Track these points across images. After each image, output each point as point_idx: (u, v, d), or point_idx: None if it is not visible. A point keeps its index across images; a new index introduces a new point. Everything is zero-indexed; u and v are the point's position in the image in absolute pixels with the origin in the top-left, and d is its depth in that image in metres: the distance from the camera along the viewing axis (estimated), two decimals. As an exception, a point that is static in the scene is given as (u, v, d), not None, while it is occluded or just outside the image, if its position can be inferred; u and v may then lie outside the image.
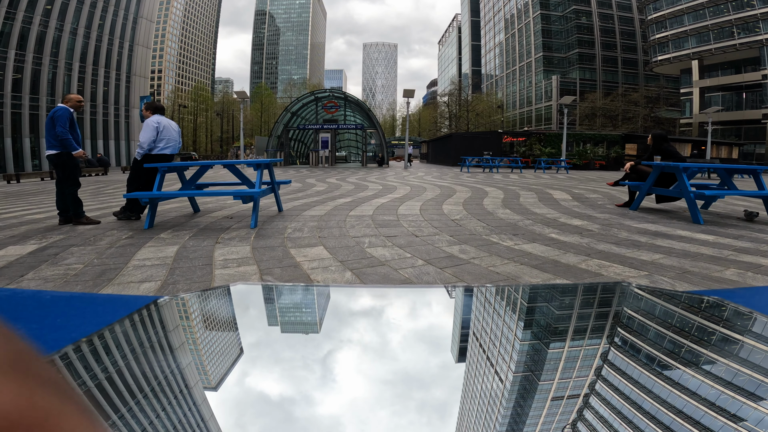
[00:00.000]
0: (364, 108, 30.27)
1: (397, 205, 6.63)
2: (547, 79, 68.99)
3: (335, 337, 0.54)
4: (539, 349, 0.52)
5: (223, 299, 0.70)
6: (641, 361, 0.46)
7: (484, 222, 5.25)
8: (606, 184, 9.37)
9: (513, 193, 8.87)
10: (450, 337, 0.56)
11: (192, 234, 4.52)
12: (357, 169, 21.73)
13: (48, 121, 5.35)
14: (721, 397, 0.37)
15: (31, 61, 36.71)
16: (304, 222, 5.15)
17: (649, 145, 7.00)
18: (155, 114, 5.91)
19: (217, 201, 7.39)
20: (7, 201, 8.96)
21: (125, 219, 5.61)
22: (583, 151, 28.86)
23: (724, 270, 3.23)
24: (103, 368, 0.44)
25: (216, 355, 0.52)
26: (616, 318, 0.62)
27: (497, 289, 0.77)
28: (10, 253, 3.79)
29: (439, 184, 11.41)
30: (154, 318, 0.60)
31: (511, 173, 19.28)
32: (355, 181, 12.59)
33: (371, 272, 3.11)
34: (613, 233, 4.64)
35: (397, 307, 0.67)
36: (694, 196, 5.56)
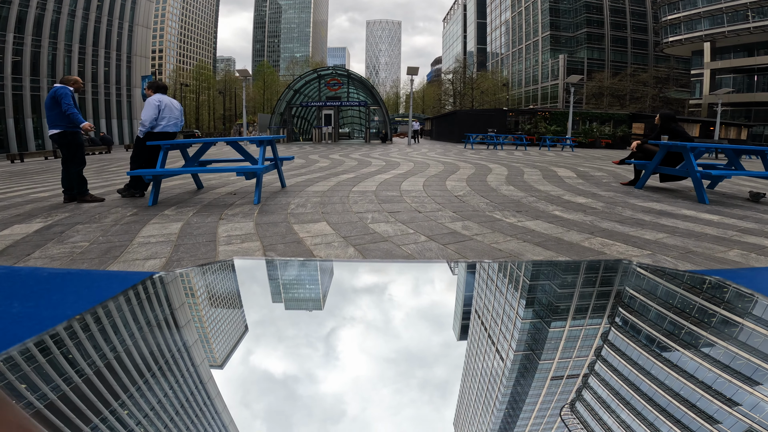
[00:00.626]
0: (368, 85, 29.95)
1: (400, 181, 6.61)
2: (554, 58, 67.76)
3: (336, 313, 0.54)
4: (540, 327, 0.51)
5: (221, 274, 0.69)
6: (642, 341, 0.46)
7: (488, 198, 5.23)
8: (612, 163, 9.30)
9: (517, 170, 8.81)
10: (452, 315, 0.55)
11: (196, 210, 4.53)
12: (360, 146, 21.61)
13: (48, 100, 5.33)
14: (719, 380, 0.37)
15: (30, 43, 36.59)
16: (307, 198, 5.15)
17: (657, 125, 6.90)
18: (157, 93, 5.90)
19: (220, 177, 7.39)
20: (12, 180, 8.99)
21: (129, 196, 5.64)
22: (588, 130, 28.56)
23: (728, 251, 3.22)
24: (96, 345, 0.44)
25: (213, 331, 0.51)
26: (618, 297, 0.61)
27: (499, 265, 0.76)
28: (16, 231, 3.81)
29: (443, 160, 11.34)
30: (150, 293, 0.59)
31: (516, 150, 19.11)
32: (358, 157, 12.54)
33: (374, 248, 3.12)
34: (617, 211, 4.62)
35: (399, 282, 0.67)
36: (700, 175, 5.50)
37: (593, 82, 59.59)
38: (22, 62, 36.09)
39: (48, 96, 5.36)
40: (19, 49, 35.84)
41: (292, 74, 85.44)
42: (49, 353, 0.41)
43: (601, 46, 65.35)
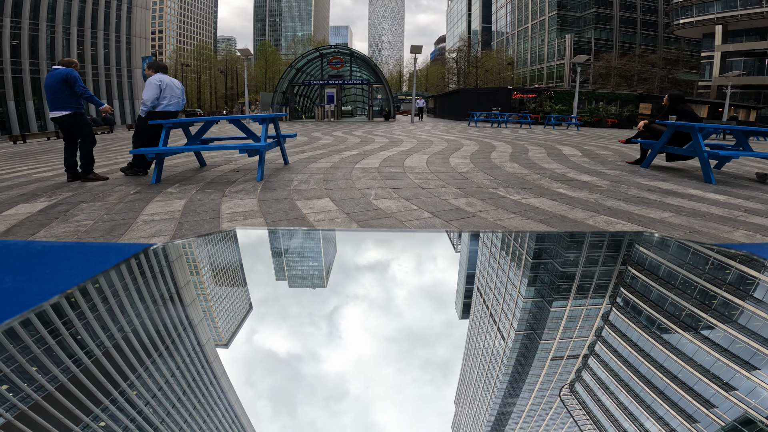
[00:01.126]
0: (371, 64, 29.64)
1: (403, 158, 6.57)
2: (560, 37, 66.61)
3: (337, 284, 0.53)
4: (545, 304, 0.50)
5: (221, 244, 0.68)
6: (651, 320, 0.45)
7: (492, 176, 5.20)
8: (617, 142, 9.20)
9: (521, 148, 8.74)
10: (455, 292, 0.54)
11: (199, 188, 4.53)
12: (363, 123, 21.46)
13: (57, 83, 5.26)
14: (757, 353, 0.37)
15: (28, 27, 36.45)
16: (310, 174, 5.13)
17: (665, 105, 6.81)
18: (158, 72, 5.87)
19: (223, 155, 7.37)
20: (15, 161, 9.00)
21: (132, 174, 5.65)
22: (595, 109, 28.27)
23: (733, 231, 3.20)
24: (90, 320, 0.43)
25: (212, 302, 0.51)
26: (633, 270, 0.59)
27: (503, 236, 0.74)
28: (20, 211, 3.82)
29: (446, 138, 11.25)
30: (148, 265, 0.58)
31: (520, 128, 18.92)
32: (361, 134, 12.45)
33: (377, 224, 3.11)
34: (622, 190, 4.58)
35: (401, 253, 0.66)
36: (708, 155, 5.44)
37: (600, 62, 58.71)
38: (20, 46, 35.98)
39: (55, 78, 5.27)
40: (17, 33, 35.74)
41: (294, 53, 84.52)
42: (40, 329, 0.40)
43: (609, 27, 64.13)
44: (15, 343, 0.37)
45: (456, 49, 73.83)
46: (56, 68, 5.39)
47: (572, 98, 26.61)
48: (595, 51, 61.85)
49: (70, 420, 0.28)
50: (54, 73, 5.32)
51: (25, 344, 0.37)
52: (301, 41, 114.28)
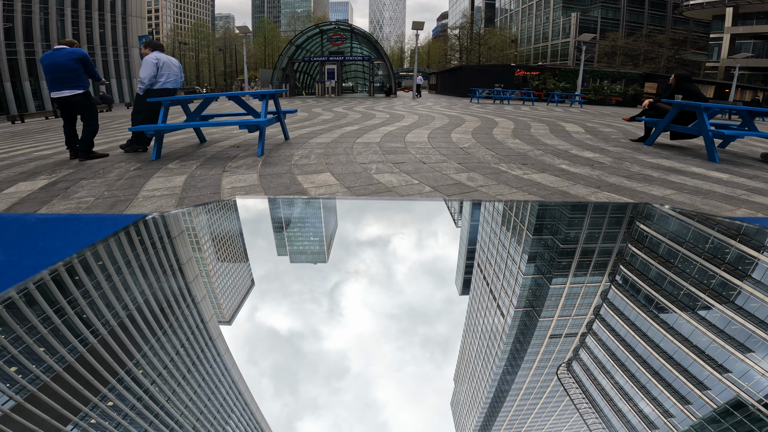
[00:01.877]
0: (371, 40, 29.32)
1: (404, 133, 6.51)
2: (566, 15, 65.24)
3: (338, 260, 0.53)
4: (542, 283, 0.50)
5: (219, 213, 0.67)
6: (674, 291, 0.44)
7: (493, 151, 5.16)
8: (621, 120, 9.10)
9: (524, 124, 8.65)
10: (455, 267, 0.54)
11: (199, 163, 4.51)
12: (364, 99, 21.27)
13: (72, 62, 5.23)
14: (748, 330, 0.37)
15: (21, 9, 36.08)
16: (311, 149, 5.11)
17: (671, 84, 6.75)
18: (154, 51, 5.83)
19: (223, 131, 7.33)
20: (14, 140, 8.97)
21: (132, 151, 5.65)
22: (599, 87, 27.97)
23: (736, 209, 3.19)
24: (83, 290, 0.42)
25: (210, 271, 0.50)
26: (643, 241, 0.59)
27: (505, 205, 0.73)
28: (21, 189, 3.82)
29: (448, 113, 11.14)
30: (145, 235, 0.57)
31: (523, 105, 18.70)
32: (362, 110, 12.34)
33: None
34: (625, 167, 4.56)
35: (402, 224, 0.65)
36: (713, 134, 5.41)
37: (606, 41, 57.69)
38: (14, 28, 35.70)
39: (69, 57, 5.24)
40: (10, 16, 35.47)
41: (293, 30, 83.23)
42: (38, 299, 0.39)
43: (616, 6, 62.75)
44: (10, 316, 0.36)
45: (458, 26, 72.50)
46: (63, 47, 5.32)
47: (576, 76, 26.29)
48: (601, 30, 60.65)
49: (71, 394, 0.28)
50: (66, 52, 5.26)
51: (22, 316, 0.36)
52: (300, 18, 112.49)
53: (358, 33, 29.94)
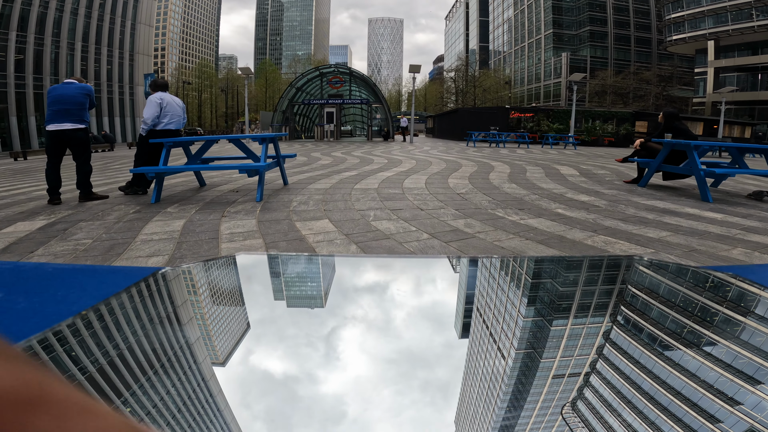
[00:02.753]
0: (370, 83, 29.79)
1: (402, 179, 6.58)
2: (556, 56, 67.52)
3: (339, 311, 0.54)
4: (543, 325, 0.51)
5: (225, 270, 0.69)
6: (646, 338, 0.45)
7: (490, 196, 5.21)
8: (614, 161, 9.27)
9: (519, 168, 8.78)
10: (454, 313, 0.55)
11: (198, 208, 4.53)
12: (362, 144, 21.54)
13: (81, 95, 5.31)
14: (721, 379, 0.37)
15: (33, 42, 36.59)
16: (310, 195, 5.15)
17: (660, 123, 6.88)
18: (158, 91, 5.92)
19: (222, 175, 7.40)
20: (15, 178, 9.02)
21: (132, 194, 5.64)
22: (592, 128, 28.48)
23: (732, 249, 3.21)
24: (100, 342, 0.44)
25: (217, 328, 0.51)
26: (626, 293, 0.61)
27: (502, 261, 0.75)
28: (19, 229, 3.83)
29: (445, 158, 11.30)
30: (155, 289, 0.59)
31: (518, 148, 19.02)
32: (360, 155, 12.50)
33: (376, 245, 3.11)
34: (620, 209, 4.60)
35: (401, 278, 0.66)
36: (704, 173, 5.48)
37: (596, 80, 59.38)
38: (24, 61, 36.05)
39: (79, 91, 5.32)
40: (22, 48, 35.82)
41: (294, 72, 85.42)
42: (54, 350, 0.41)
43: (604, 45, 65.08)
44: (35, 360, 0.37)
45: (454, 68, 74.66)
46: (73, 82, 5.40)
47: (569, 117, 26.81)
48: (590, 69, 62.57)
49: None
50: (76, 86, 5.34)
51: (43, 361, 0.38)
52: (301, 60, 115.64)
53: (357, 76, 30.47)
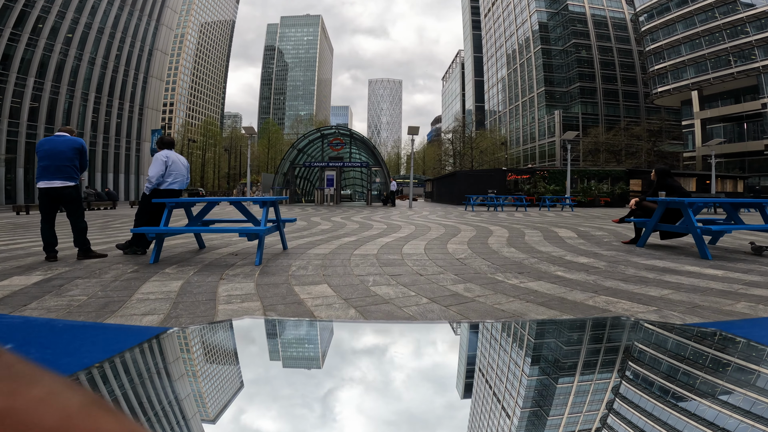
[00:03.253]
0: (369, 145, 30.46)
1: (401, 245, 6.61)
2: (549, 114, 69.83)
3: (337, 375, 0.54)
4: (546, 385, 0.51)
5: (230, 332, 0.71)
6: (650, 395, 0.46)
7: (489, 261, 5.22)
8: (611, 221, 9.35)
9: (518, 232, 8.84)
10: (455, 375, 0.55)
11: (197, 270, 4.52)
12: (362, 208, 21.76)
13: (71, 151, 5.20)
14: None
15: (50, 89, 37.42)
16: (309, 260, 5.14)
17: (653, 181, 7.02)
18: (164, 148, 6.02)
19: (222, 238, 7.43)
20: (15, 232, 9.07)
21: (131, 253, 5.63)
22: (587, 188, 28.95)
23: (735, 303, 3.22)
24: (111, 394, 0.45)
25: (219, 390, 0.52)
26: (621, 352, 0.62)
27: (503, 324, 0.76)
28: (14, 282, 3.85)
29: (444, 223, 11.38)
30: (162, 348, 0.61)
31: (516, 211, 19.26)
32: (359, 220, 12.59)
33: (375, 310, 3.08)
34: (620, 270, 4.59)
35: (401, 343, 0.66)
36: (701, 231, 5.53)
37: (589, 138, 60.93)
38: (39, 109, 36.71)
39: (70, 146, 5.21)
40: (38, 95, 36.64)
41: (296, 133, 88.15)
42: None
43: (594, 100, 67.26)
44: None
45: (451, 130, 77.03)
46: (64, 135, 5.30)
47: (565, 178, 27.32)
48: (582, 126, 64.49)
49: None
50: (66, 139, 5.22)
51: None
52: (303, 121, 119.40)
53: (357, 138, 31.22)
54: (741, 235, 8.25)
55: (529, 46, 75.57)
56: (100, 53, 42.54)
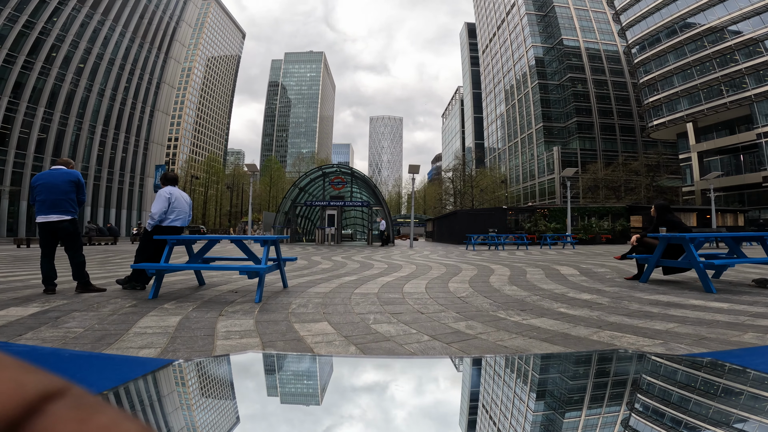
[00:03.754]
0: (371, 185, 30.58)
1: (402, 284, 6.57)
2: (548, 150, 70.50)
3: (336, 412, 0.53)
4: (553, 419, 0.51)
5: (234, 366, 0.71)
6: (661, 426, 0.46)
7: (491, 299, 5.17)
8: (613, 258, 9.31)
9: (519, 270, 8.80)
10: (458, 411, 0.54)
11: (196, 306, 4.49)
12: (363, 248, 21.71)
13: (67, 184, 5.23)
14: None
15: (58, 120, 37.72)
16: (309, 298, 5.11)
17: (653, 217, 7.06)
18: (168, 185, 6.09)
19: (222, 275, 7.41)
20: (15, 265, 9.09)
21: (130, 288, 5.62)
22: (588, 225, 28.98)
23: (743, 334, 3.20)
24: None
25: (221, 422, 0.52)
26: (630, 385, 0.63)
27: (506, 359, 0.76)
28: (11, 313, 3.86)
29: (445, 262, 11.33)
30: (168, 379, 0.62)
31: (517, 250, 19.20)
32: (360, 259, 12.55)
33: (376, 347, 3.03)
34: (623, 305, 4.55)
35: (402, 379, 0.66)
36: (703, 266, 5.52)
37: (588, 174, 61.25)
38: (47, 140, 36.83)
39: (65, 179, 5.23)
40: (47, 126, 36.80)
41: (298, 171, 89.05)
42: None
43: (591, 135, 67.88)
44: None
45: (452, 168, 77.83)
46: (60, 168, 5.31)
47: (565, 215, 27.40)
48: (581, 162, 65.05)
49: None
50: (62, 172, 5.24)
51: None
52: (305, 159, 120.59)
53: (358, 177, 31.34)
54: (744, 268, 8.23)
55: (526, 82, 77.40)
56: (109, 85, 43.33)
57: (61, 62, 37.88)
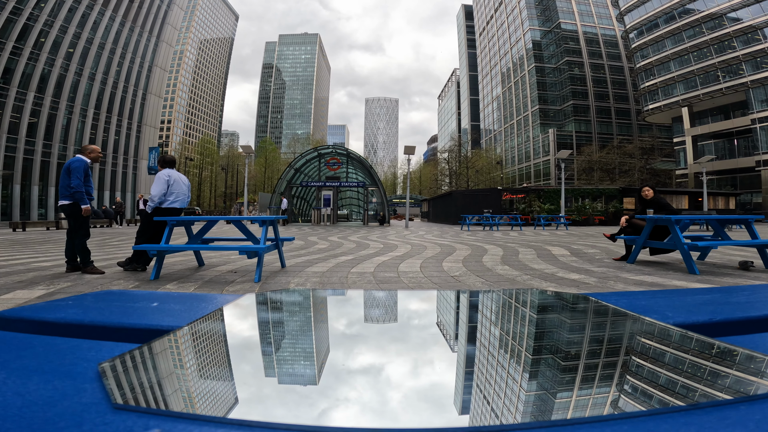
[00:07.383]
0: (366, 165, 30.44)
1: (397, 263, 6.71)
2: (543, 132, 70.14)
3: (356, 339, 0.65)
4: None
5: (291, 297, 0.93)
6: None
7: (483, 278, 5.33)
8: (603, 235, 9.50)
9: (512, 250, 8.96)
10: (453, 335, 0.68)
11: (197, 286, 4.61)
12: (358, 228, 21.78)
13: (64, 172, 5.60)
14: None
15: (49, 105, 37.10)
16: (307, 278, 5.23)
17: (643, 198, 7.20)
18: (166, 167, 6.18)
19: (221, 255, 7.52)
20: (14, 249, 9.12)
21: (131, 270, 5.71)
22: (581, 207, 29.12)
23: None
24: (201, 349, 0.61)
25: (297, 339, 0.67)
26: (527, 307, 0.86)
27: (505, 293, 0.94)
28: (18, 296, 3.95)
29: (440, 242, 11.47)
30: (242, 309, 0.80)
31: (511, 230, 19.37)
32: (356, 239, 12.65)
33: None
34: (609, 285, 4.72)
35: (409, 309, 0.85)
36: (688, 247, 5.67)
37: (582, 157, 61.14)
38: (37, 124, 36.40)
39: (65, 167, 5.63)
40: (37, 110, 36.24)
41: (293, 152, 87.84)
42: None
43: (587, 118, 67.49)
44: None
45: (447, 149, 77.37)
46: (76, 155, 5.76)
47: (559, 197, 27.48)
48: (576, 144, 64.77)
49: None
50: (69, 160, 5.68)
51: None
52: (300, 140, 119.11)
53: (354, 157, 31.23)
54: (730, 251, 8.40)
55: (523, 65, 76.49)
56: (100, 69, 42.44)
57: (51, 48, 37.15)
